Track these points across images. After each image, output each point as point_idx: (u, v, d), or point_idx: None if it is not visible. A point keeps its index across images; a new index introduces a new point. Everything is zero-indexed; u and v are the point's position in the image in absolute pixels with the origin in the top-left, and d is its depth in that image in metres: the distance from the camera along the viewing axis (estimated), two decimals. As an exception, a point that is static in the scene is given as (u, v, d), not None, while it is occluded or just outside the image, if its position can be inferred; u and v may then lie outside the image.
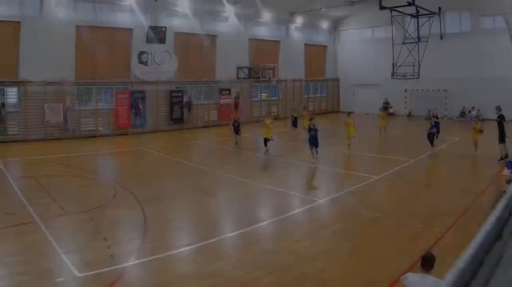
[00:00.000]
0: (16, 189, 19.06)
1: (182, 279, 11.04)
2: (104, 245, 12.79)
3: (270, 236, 14.52)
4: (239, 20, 47.74)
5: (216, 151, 30.75)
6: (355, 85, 58.24)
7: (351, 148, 28.48)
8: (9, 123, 32.70)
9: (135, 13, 39.33)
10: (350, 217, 15.91)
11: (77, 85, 36.24)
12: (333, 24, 59.60)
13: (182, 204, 17.92)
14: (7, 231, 13.81)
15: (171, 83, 41.96)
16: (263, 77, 49.02)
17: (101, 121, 37.41)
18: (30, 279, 10.55)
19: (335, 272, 11.35)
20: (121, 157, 29.38)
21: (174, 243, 13.49)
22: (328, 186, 21.26)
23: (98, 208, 16.54)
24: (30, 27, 33.41)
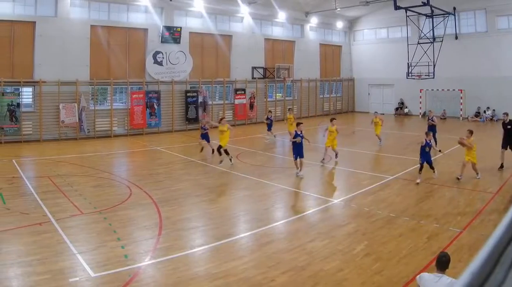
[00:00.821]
0: (31, 189, 18.83)
1: (196, 279, 10.78)
2: (118, 245, 12.65)
3: (285, 236, 14.21)
4: (254, 20, 47.08)
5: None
6: (370, 85, 57.54)
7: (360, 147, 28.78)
8: (24, 124, 32.24)
9: (150, 13, 38.83)
10: (365, 217, 15.57)
11: (92, 85, 35.72)
12: (348, 24, 58.62)
13: (197, 204, 17.55)
14: (22, 231, 13.62)
15: (186, 83, 41.29)
16: (278, 77, 48.25)
17: (116, 121, 36.96)
18: (45, 279, 10.34)
19: (350, 272, 11.07)
20: (135, 157, 28.98)
21: (188, 243, 13.22)
22: (342, 186, 20.88)
23: (113, 208, 16.39)
24: (45, 27, 33.08)
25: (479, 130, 35.05)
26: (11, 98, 31.71)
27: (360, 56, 58.74)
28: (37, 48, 33.08)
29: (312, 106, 53.62)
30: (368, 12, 54.56)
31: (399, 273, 10.87)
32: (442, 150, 24.01)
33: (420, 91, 50.68)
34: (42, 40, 33.04)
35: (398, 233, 13.85)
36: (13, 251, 12.08)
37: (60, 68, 33.52)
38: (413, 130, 40.20)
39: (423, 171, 19.94)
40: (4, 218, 14.82)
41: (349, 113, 57.59)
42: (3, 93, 31.51)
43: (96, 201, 17.32)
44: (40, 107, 33.02)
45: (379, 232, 13.91)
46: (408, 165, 24.27)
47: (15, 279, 10.45)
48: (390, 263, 11.48)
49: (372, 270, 11.14)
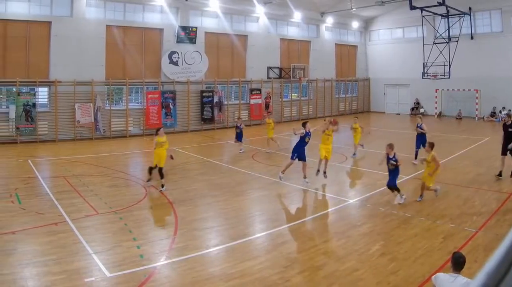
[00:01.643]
0: (47, 189, 18.63)
1: (211, 279, 10.67)
2: (134, 245, 12.56)
3: (300, 236, 14.07)
4: (270, 20, 46.31)
5: (246, 151, 29.28)
6: (385, 85, 56.62)
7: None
8: (39, 124, 31.81)
9: (166, 13, 38.26)
10: (380, 217, 15.42)
11: (108, 85, 35.24)
12: (364, 24, 57.68)
13: (212, 204, 17.30)
14: (37, 231, 13.49)
15: (201, 83, 40.67)
16: (294, 77, 47.50)
17: (131, 121, 36.42)
18: (61, 279, 10.24)
19: (365, 272, 10.95)
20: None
21: (203, 243, 13.10)
22: (358, 186, 20.73)
23: (128, 208, 16.26)
24: (61, 27, 32.62)
25: (494, 131, 34.86)
26: (26, 99, 31.24)
27: (376, 56, 57.92)
28: (53, 48, 32.63)
29: (327, 106, 52.72)
30: (384, 12, 53.58)
31: (414, 273, 10.78)
32: (457, 151, 23.70)
33: (436, 91, 50.02)
34: (58, 40, 32.59)
35: (413, 233, 13.69)
36: (29, 251, 11.95)
37: (76, 68, 33.08)
38: (429, 131, 39.53)
39: (439, 173, 19.31)
40: (19, 218, 14.67)
41: (365, 113, 56.57)
42: (19, 93, 31.08)
43: (112, 201, 17.14)
44: (55, 108, 32.51)
45: (395, 232, 13.76)
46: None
47: (30, 279, 10.30)
48: (405, 263, 11.37)
49: (387, 270, 11.03)
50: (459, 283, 7.07)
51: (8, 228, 13.69)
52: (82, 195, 17.85)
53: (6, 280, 10.19)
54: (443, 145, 30.13)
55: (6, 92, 31.91)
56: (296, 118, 48.17)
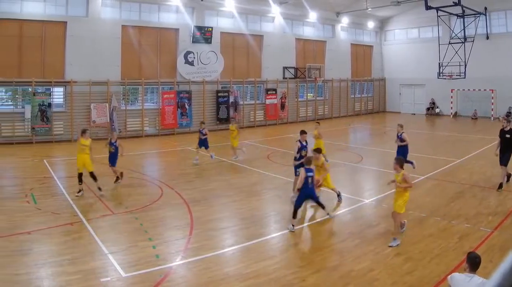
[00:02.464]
0: (62, 189, 18.46)
1: (227, 279, 10.57)
2: (150, 245, 12.45)
3: (316, 236, 14.00)
4: (286, 20, 45.48)
5: (262, 151, 29.17)
6: (401, 85, 55.63)
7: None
8: (55, 124, 31.41)
9: (181, 13, 37.70)
10: None
11: (123, 85, 34.82)
12: (379, 24, 56.69)
13: (228, 204, 17.07)
14: (53, 231, 13.37)
15: (217, 83, 40.07)
16: (309, 77, 46.67)
17: (147, 121, 35.86)
18: (76, 279, 10.16)
19: (381, 272, 10.84)
20: (167, 157, 28.19)
21: (219, 243, 12.99)
22: (373, 186, 20.33)
23: (144, 208, 16.09)
24: (76, 27, 32.17)
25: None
26: (42, 98, 30.81)
27: (391, 56, 56.93)
28: (68, 48, 32.16)
29: (343, 107, 51.87)
30: (399, 12, 52.70)
31: (430, 273, 10.65)
32: (472, 151, 23.28)
33: (451, 91, 49.19)
34: (73, 40, 32.13)
35: (429, 233, 13.54)
36: (44, 251, 11.84)
37: (91, 68, 32.63)
38: (444, 131, 40.00)
39: (454, 173, 18.44)
40: (35, 218, 14.53)
41: (380, 113, 55.92)
42: (35, 93, 30.62)
43: (127, 201, 17.00)
44: (71, 107, 32.08)
45: (410, 232, 13.56)
46: (438, 165, 23.64)
47: (46, 279, 10.20)
48: (421, 263, 11.25)
49: (403, 270, 10.92)
50: (474, 283, 7.01)
51: (23, 228, 13.56)
52: (97, 195, 17.66)
53: (22, 280, 10.09)
54: (458, 145, 30.46)
55: (21, 92, 31.41)
56: (311, 118, 47.29)
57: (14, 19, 30.18)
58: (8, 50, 30.26)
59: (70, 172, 22.12)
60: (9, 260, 11.15)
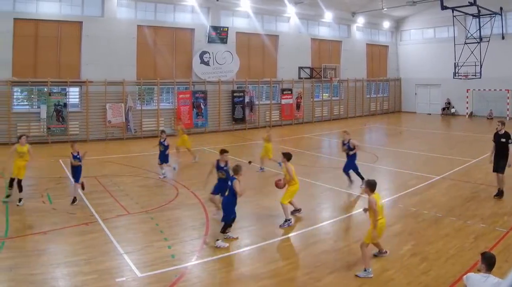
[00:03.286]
0: (78, 189, 17.58)
1: (242, 279, 10.53)
2: (165, 245, 12.35)
3: (331, 236, 13.68)
4: (301, 20, 44.62)
5: (277, 151, 28.06)
6: (417, 85, 54.56)
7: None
8: (70, 124, 30.93)
9: (197, 13, 37.02)
10: (411, 217, 15.01)
11: (139, 85, 34.24)
12: (395, 24, 55.48)
13: (243, 204, 15.96)
14: (68, 231, 13.25)
15: (232, 83, 39.39)
16: (325, 77, 45.74)
17: (163, 121, 35.21)
18: (92, 279, 10.10)
19: (396, 272, 10.73)
20: (182, 157, 26.88)
21: (234, 243, 12.75)
22: (389, 186, 19.82)
23: (159, 208, 15.92)
24: (92, 27, 31.68)
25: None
26: (58, 99, 30.33)
27: (407, 56, 55.77)
28: (84, 48, 31.69)
29: (358, 106, 50.85)
30: (415, 12, 51.59)
31: (446, 273, 10.51)
32: (488, 150, 22.63)
33: (467, 91, 48.25)
34: (89, 40, 31.63)
35: (444, 233, 13.35)
36: (60, 251, 11.75)
37: (107, 68, 32.15)
38: (460, 130, 39.13)
39: (470, 173, 17.85)
40: (51, 218, 14.40)
41: (396, 113, 54.85)
42: (50, 93, 30.13)
43: (143, 201, 16.74)
44: (86, 107, 31.55)
45: (426, 232, 13.42)
46: (454, 164, 23.30)
47: (61, 279, 10.10)
48: (436, 263, 11.12)
49: (418, 270, 10.78)
50: (490, 283, 6.92)
51: (39, 228, 13.45)
52: (113, 195, 17.51)
53: (37, 280, 9.97)
54: (474, 145, 29.73)
55: (37, 92, 30.91)
56: (327, 118, 46.76)
57: (30, 19, 29.71)
58: (24, 50, 29.79)
59: (86, 172, 21.51)
60: (24, 260, 11.02)
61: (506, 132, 16.83)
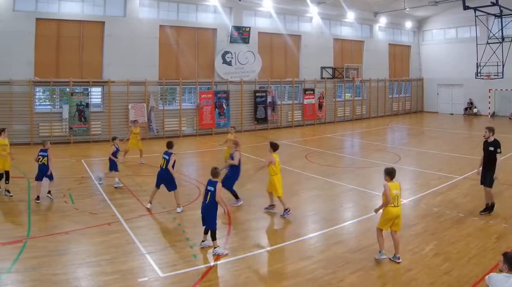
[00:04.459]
0: (100, 189, 17.96)
1: (264, 279, 10.37)
2: (187, 245, 12.18)
3: (354, 235, 13.41)
4: (323, 20, 43.19)
5: (300, 151, 27.78)
6: (439, 85, 52.86)
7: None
8: (92, 124, 30.14)
9: (219, 13, 35.93)
10: (434, 217, 14.72)
11: (161, 85, 33.35)
12: (417, 24, 53.62)
13: (265, 204, 16.13)
14: (91, 231, 13.08)
15: (255, 83, 38.25)
16: (347, 77, 44.33)
17: (185, 121, 34.23)
18: (114, 279, 9.93)
19: (419, 272, 10.44)
20: (204, 157, 26.90)
21: (256, 243, 12.69)
22: (411, 186, 19.34)
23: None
24: (114, 27, 30.80)
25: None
26: (80, 99, 29.41)
27: (429, 56, 53.99)
28: (106, 48, 30.79)
29: (381, 107, 49.32)
30: (437, 12, 49.88)
31: (468, 273, 10.34)
32: (509, 151, 22.16)
33: (489, 91, 46.49)
34: (111, 40, 30.72)
35: (466, 233, 13.14)
36: (82, 251, 11.56)
37: (129, 68, 31.22)
38: (482, 131, 38.05)
39: None
40: (73, 218, 14.20)
41: (418, 113, 53.14)
42: (72, 93, 29.22)
43: (165, 201, 16.19)
44: (109, 107, 30.63)
45: (448, 232, 13.19)
46: (476, 164, 21.75)
47: (84, 279, 9.94)
48: (459, 263, 10.93)
49: (441, 270, 10.57)
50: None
51: (61, 228, 13.24)
52: (135, 195, 17.23)
53: (60, 280, 9.79)
54: None
55: (59, 92, 30.00)
56: (349, 118, 45.32)
57: (52, 19, 28.85)
58: (46, 50, 28.95)
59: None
60: (47, 260, 10.79)
61: (496, 140, 14.69)
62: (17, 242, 12.00)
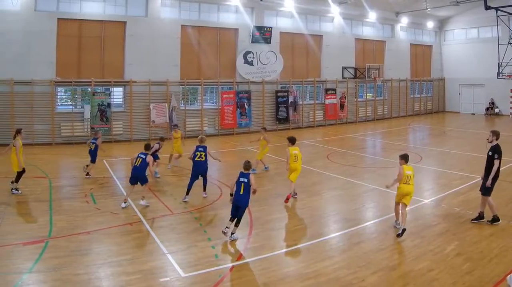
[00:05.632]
0: (121, 189, 17.62)
1: (286, 279, 10.01)
2: (209, 245, 11.91)
3: (375, 235, 13.03)
4: (345, 20, 41.66)
5: (321, 151, 26.85)
6: (460, 85, 50.99)
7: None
8: (114, 124, 29.32)
9: (240, 13, 34.69)
10: (455, 217, 14.37)
11: (182, 85, 32.35)
12: (439, 24, 51.67)
13: (289, 204, 16.16)
14: (112, 231, 12.88)
15: (276, 83, 36.96)
16: (369, 77, 42.88)
17: (206, 121, 33.21)
18: (136, 279, 9.77)
19: (440, 272, 10.20)
20: (226, 157, 25.63)
21: (278, 243, 12.37)
22: (433, 186, 19.09)
23: (203, 208, 15.41)
24: (136, 27, 29.86)
25: None
26: (101, 99, 28.44)
27: (451, 56, 52.06)
28: (128, 48, 29.86)
29: (402, 106, 47.57)
30: (459, 12, 47.94)
31: (490, 273, 10.08)
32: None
33: (511, 91, 44.86)
34: (133, 40, 29.77)
35: (488, 233, 12.77)
36: (104, 251, 11.38)
37: (151, 68, 30.25)
38: (504, 131, 37.48)
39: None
40: (94, 218, 13.96)
41: (440, 113, 51.36)
42: (94, 93, 28.22)
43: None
44: (130, 107, 29.65)
45: (470, 232, 12.88)
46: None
47: (105, 279, 9.76)
48: (481, 263, 10.66)
49: (462, 270, 10.34)
50: None
51: (83, 228, 13.01)
52: (157, 195, 16.85)
53: (81, 280, 9.65)
54: None
55: (81, 92, 28.95)
56: (371, 118, 43.70)
57: (74, 19, 27.83)
58: (68, 50, 27.98)
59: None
60: (69, 260, 10.63)
61: (497, 145, 13.51)
62: (38, 242, 11.76)
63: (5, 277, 9.75)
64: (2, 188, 17.31)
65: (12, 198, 16.01)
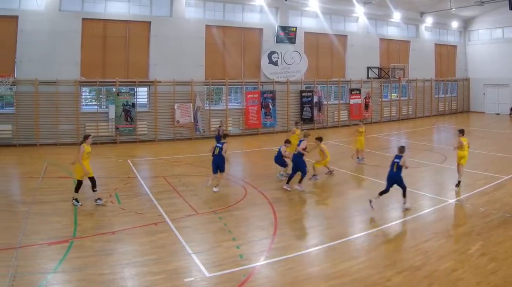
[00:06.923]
0: (146, 189, 17.20)
1: (311, 279, 9.79)
2: (233, 245, 11.67)
3: (400, 236, 12.95)
4: (369, 20, 40.04)
5: (346, 151, 26.00)
6: (485, 85, 48.87)
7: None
8: (139, 124, 28.33)
9: (265, 13, 33.23)
10: (480, 217, 13.93)
11: (207, 85, 31.21)
12: (463, 24, 49.28)
13: (312, 204, 16.15)
14: (137, 231, 12.57)
15: (301, 83, 35.50)
16: (393, 77, 41.02)
17: (231, 121, 31.90)
18: (160, 279, 9.58)
19: (465, 272, 10.00)
20: (251, 157, 25.33)
21: (303, 243, 12.13)
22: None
23: (228, 208, 15.00)
24: (160, 27, 28.76)
25: None
26: (126, 99, 27.36)
27: (475, 56, 49.70)
28: (152, 48, 28.74)
29: (427, 107, 45.63)
30: (483, 12, 45.71)
31: None
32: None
33: None
34: (157, 40, 28.65)
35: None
36: (129, 251, 11.15)
37: (175, 68, 29.13)
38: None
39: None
40: (119, 218, 13.71)
41: (464, 113, 49.23)
42: (119, 93, 27.12)
43: (211, 201, 15.83)
44: (155, 107, 28.52)
45: (495, 232, 12.51)
46: None
47: (130, 279, 9.61)
48: (505, 263, 10.36)
49: (487, 270, 10.06)
50: None
51: (108, 228, 12.78)
52: (181, 195, 16.48)
53: (106, 280, 9.47)
54: None
55: (105, 92, 27.83)
56: (395, 118, 41.90)
57: (98, 19, 26.75)
58: (92, 50, 26.91)
59: (154, 172, 20.89)
60: (93, 260, 10.40)
61: None
62: (63, 242, 11.54)
63: (30, 277, 9.50)
64: (27, 187, 17.00)
65: (36, 198, 15.56)
